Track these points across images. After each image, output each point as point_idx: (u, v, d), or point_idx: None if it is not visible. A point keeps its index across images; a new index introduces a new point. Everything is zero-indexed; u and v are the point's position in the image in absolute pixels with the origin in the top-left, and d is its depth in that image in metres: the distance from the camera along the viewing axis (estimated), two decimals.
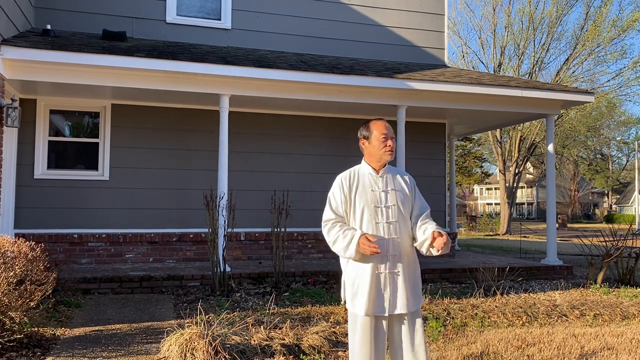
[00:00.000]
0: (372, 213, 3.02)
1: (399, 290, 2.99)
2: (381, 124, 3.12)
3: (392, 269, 2.99)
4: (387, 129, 3.09)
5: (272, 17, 9.71)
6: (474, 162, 42.49)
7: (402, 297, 2.98)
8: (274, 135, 9.50)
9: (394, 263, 2.99)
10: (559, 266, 9.09)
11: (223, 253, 7.07)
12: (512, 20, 26.16)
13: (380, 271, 2.98)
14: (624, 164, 61.32)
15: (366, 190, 3.07)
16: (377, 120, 3.15)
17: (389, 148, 3.07)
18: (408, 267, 3.04)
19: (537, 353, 4.63)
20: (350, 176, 3.14)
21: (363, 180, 3.10)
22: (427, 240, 2.97)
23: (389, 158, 3.09)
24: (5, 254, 4.44)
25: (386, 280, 2.98)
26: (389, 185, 3.08)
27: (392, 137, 3.10)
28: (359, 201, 3.05)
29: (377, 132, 3.09)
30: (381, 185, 3.08)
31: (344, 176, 3.15)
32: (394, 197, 3.06)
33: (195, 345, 4.19)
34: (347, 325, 5.03)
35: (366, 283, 2.97)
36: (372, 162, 3.14)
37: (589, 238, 10.88)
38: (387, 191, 3.06)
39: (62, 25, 8.62)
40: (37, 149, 8.36)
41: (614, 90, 27.41)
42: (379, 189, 3.07)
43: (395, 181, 3.12)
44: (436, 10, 10.63)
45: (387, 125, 3.11)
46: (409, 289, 3.01)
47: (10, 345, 4.36)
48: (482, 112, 9.58)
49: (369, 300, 2.96)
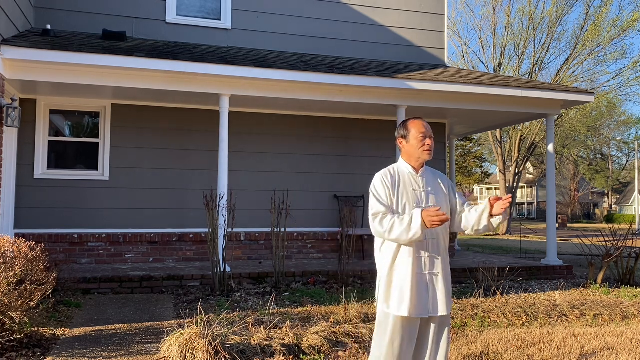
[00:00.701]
0: None
1: (438, 291, 2.98)
2: (419, 122, 3.10)
3: (431, 270, 2.99)
4: (426, 128, 3.07)
5: (272, 17, 9.71)
6: (474, 162, 42.49)
7: (441, 299, 2.98)
8: (274, 135, 9.49)
9: (434, 264, 2.99)
10: (559, 266, 9.09)
11: (223, 253, 7.07)
12: (512, 20, 26.17)
13: (423, 272, 2.96)
14: (624, 164, 61.33)
15: (407, 188, 3.04)
16: (415, 119, 3.13)
17: (428, 147, 3.04)
18: (445, 268, 3.04)
19: (537, 353, 4.63)
20: (391, 173, 3.10)
21: (404, 178, 3.08)
22: (485, 211, 2.97)
23: (427, 157, 3.06)
24: (5, 254, 4.44)
25: (428, 282, 2.97)
26: (428, 186, 3.07)
27: (431, 136, 3.08)
28: (401, 199, 3.02)
29: (415, 130, 3.06)
30: (422, 184, 3.07)
31: (384, 173, 3.10)
32: (433, 197, 3.06)
33: (195, 345, 4.19)
34: (346, 325, 5.04)
35: (408, 284, 2.93)
36: (410, 161, 3.10)
37: (589, 238, 10.88)
38: (428, 191, 3.05)
39: (62, 25, 8.62)
40: (37, 149, 8.36)
41: (614, 90, 27.42)
42: (419, 189, 3.05)
43: (435, 182, 3.12)
44: (436, 10, 10.63)
45: (425, 124, 3.09)
46: (447, 290, 3.02)
47: (10, 345, 4.36)
48: (482, 112, 9.58)
49: (412, 301, 2.92)
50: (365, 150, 9.96)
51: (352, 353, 4.56)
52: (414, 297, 2.93)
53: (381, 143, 9.93)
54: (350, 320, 5.34)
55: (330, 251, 9.52)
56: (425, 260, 2.97)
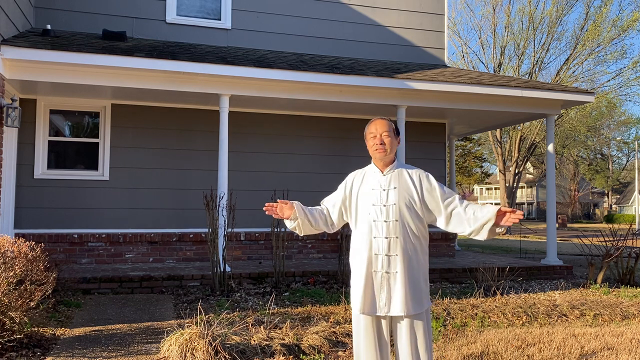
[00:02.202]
0: (372, 211, 3.00)
1: (396, 291, 2.92)
2: (373, 122, 3.09)
3: (389, 269, 2.94)
4: (377, 127, 3.04)
5: (272, 17, 9.71)
6: (474, 162, 42.49)
7: (399, 299, 2.91)
8: (274, 135, 9.49)
9: (392, 263, 2.94)
10: (559, 266, 9.09)
11: (223, 253, 7.07)
12: (512, 20, 26.18)
13: (376, 269, 2.95)
14: (624, 164, 61.31)
15: (368, 188, 3.06)
16: (374, 119, 3.12)
17: (376, 146, 3.03)
18: (409, 268, 2.94)
19: (537, 353, 4.63)
20: (356, 174, 3.16)
21: (367, 178, 3.10)
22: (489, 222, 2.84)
23: (378, 155, 3.04)
24: (5, 254, 4.44)
25: (382, 280, 2.94)
26: (392, 184, 3.03)
27: (384, 133, 3.02)
28: (360, 200, 3.06)
29: (367, 131, 3.10)
30: (384, 183, 3.04)
31: (352, 174, 3.18)
32: (395, 195, 3.00)
33: (195, 345, 4.19)
34: (346, 325, 5.05)
35: (361, 281, 2.98)
36: (374, 161, 3.13)
37: (589, 238, 10.88)
38: (389, 189, 3.02)
39: (62, 25, 8.62)
40: (37, 149, 8.36)
41: (614, 90, 27.43)
42: (380, 188, 3.03)
43: (401, 179, 3.04)
44: (436, 10, 10.63)
45: (378, 123, 3.06)
46: (409, 291, 2.92)
47: (10, 345, 4.37)
48: (482, 112, 9.58)
49: (364, 298, 2.96)
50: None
51: (352, 353, 4.56)
52: (366, 294, 2.96)
53: None
54: (350, 320, 5.34)
55: (330, 251, 9.52)
56: (383, 258, 2.94)
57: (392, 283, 2.94)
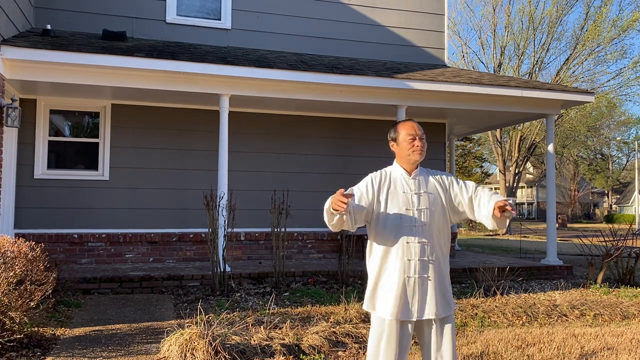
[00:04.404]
0: (404, 216, 2.94)
1: (428, 295, 2.91)
2: (408, 124, 3.05)
3: (422, 273, 2.90)
4: (415, 129, 3.01)
5: (272, 17, 9.71)
6: (474, 162, 42.46)
7: (431, 303, 2.91)
8: (274, 135, 9.49)
9: (425, 267, 2.91)
10: (559, 266, 9.09)
11: (223, 253, 7.07)
12: (512, 20, 26.19)
13: (409, 275, 2.90)
14: (624, 164, 61.30)
15: (398, 191, 2.98)
16: (406, 121, 3.08)
17: (417, 148, 2.98)
18: (439, 272, 2.94)
19: (537, 353, 4.63)
20: (381, 175, 3.05)
21: (395, 181, 3.02)
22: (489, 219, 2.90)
23: (417, 158, 2.99)
24: (5, 254, 4.44)
25: (415, 285, 2.90)
26: (421, 188, 2.99)
27: (421, 137, 3.00)
28: (390, 203, 2.97)
29: (405, 132, 3.02)
30: (413, 187, 2.98)
31: (374, 174, 3.06)
32: (426, 199, 2.96)
33: (195, 345, 4.19)
34: (346, 325, 5.04)
35: (394, 286, 2.91)
36: (402, 164, 3.04)
37: (589, 238, 10.88)
38: (420, 194, 2.97)
39: (62, 25, 8.62)
40: (37, 149, 8.36)
41: (614, 90, 27.44)
42: (411, 192, 2.97)
43: (429, 183, 3.01)
44: (436, 10, 10.63)
45: (414, 125, 3.03)
46: (439, 295, 2.93)
47: (10, 345, 4.37)
48: (482, 112, 9.58)
49: (397, 304, 2.90)
50: (365, 150, 9.95)
51: (352, 353, 4.56)
52: (400, 300, 2.90)
53: (381, 143, 9.89)
54: (350, 320, 5.34)
55: (330, 251, 9.52)
56: (416, 264, 2.90)
57: (426, 287, 2.91)
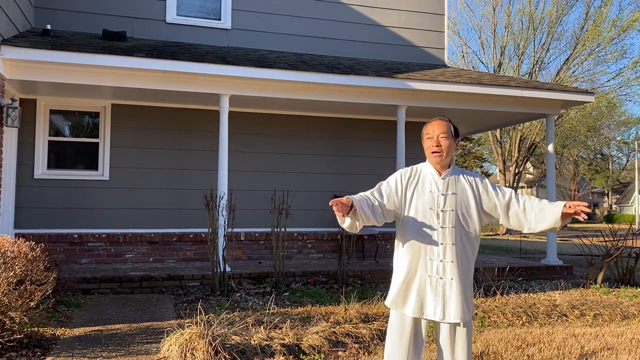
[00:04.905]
0: (427, 216, 2.91)
1: (448, 297, 2.87)
2: (431, 123, 2.97)
3: (444, 275, 2.87)
4: (435, 127, 2.93)
5: (272, 17, 9.71)
6: (474, 162, 42.44)
7: (454, 306, 2.87)
8: (274, 135, 9.49)
9: (448, 269, 2.87)
10: (559, 266, 9.09)
11: (223, 253, 7.07)
12: (512, 20, 26.18)
13: (431, 275, 2.88)
14: (624, 164, 61.28)
15: (425, 190, 2.95)
16: (433, 119, 3.00)
17: (433, 148, 2.93)
18: (462, 275, 2.89)
19: (537, 353, 4.63)
20: (411, 172, 3.02)
21: (424, 180, 2.98)
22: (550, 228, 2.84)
23: (433, 159, 2.94)
24: (5, 254, 4.44)
25: (437, 286, 2.88)
26: (449, 189, 2.92)
27: (442, 135, 2.91)
28: (415, 201, 2.94)
29: (425, 131, 2.98)
30: (442, 187, 2.93)
31: (404, 170, 3.03)
32: (453, 201, 2.91)
33: (195, 345, 4.19)
34: (346, 325, 5.04)
35: (415, 285, 2.91)
36: (431, 163, 2.99)
37: (589, 238, 10.88)
38: (447, 195, 2.91)
39: (62, 25, 8.62)
40: (37, 149, 8.36)
41: (614, 90, 27.42)
42: (438, 192, 2.92)
43: (459, 184, 2.95)
44: (436, 10, 10.63)
45: (437, 123, 2.94)
46: (461, 298, 2.88)
47: (10, 345, 4.37)
48: (482, 112, 9.58)
49: (416, 302, 2.90)
50: (365, 150, 9.95)
51: (352, 353, 4.56)
52: (419, 298, 2.90)
53: (381, 143, 9.94)
54: (350, 320, 5.34)
55: (330, 251, 9.52)
56: (437, 264, 2.87)
57: (448, 290, 2.87)
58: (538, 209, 2.88)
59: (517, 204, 2.93)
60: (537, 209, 2.88)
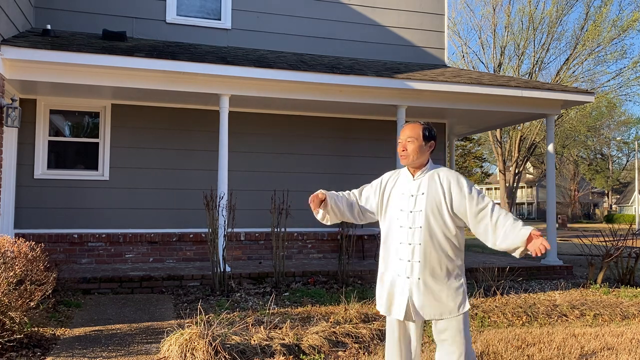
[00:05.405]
0: (399, 216, 2.97)
1: (417, 296, 2.89)
2: (403, 128, 3.06)
3: (411, 275, 2.90)
4: (403, 132, 3.01)
5: (272, 17, 9.71)
6: (474, 162, 42.49)
7: (421, 305, 2.89)
8: (274, 135, 9.50)
9: (416, 269, 2.89)
10: (559, 266, 9.09)
11: (223, 253, 7.07)
12: (512, 20, 26.17)
13: (400, 274, 2.94)
14: (624, 164, 61.27)
15: (398, 192, 3.03)
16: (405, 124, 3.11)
17: (400, 153, 3.01)
18: (434, 274, 2.89)
19: (537, 353, 4.63)
20: (391, 175, 3.13)
21: (400, 182, 3.06)
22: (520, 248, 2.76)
23: (402, 162, 3.03)
24: (5, 254, 4.44)
25: (404, 285, 2.91)
26: (420, 189, 2.96)
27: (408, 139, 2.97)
28: (391, 202, 3.04)
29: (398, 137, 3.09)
30: (413, 189, 2.99)
31: (387, 173, 3.17)
32: (423, 201, 2.93)
33: (195, 345, 4.19)
34: (346, 325, 5.05)
35: (386, 284, 3.00)
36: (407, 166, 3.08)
37: (589, 238, 10.88)
38: (417, 195, 2.95)
39: (62, 25, 8.62)
40: (37, 149, 8.36)
41: (614, 90, 27.41)
42: (408, 193, 2.99)
43: (431, 184, 2.96)
44: (436, 10, 10.63)
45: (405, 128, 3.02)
46: (430, 297, 2.89)
47: (10, 345, 4.36)
48: (482, 112, 9.58)
49: (387, 301, 2.98)
50: (365, 150, 9.95)
51: (352, 353, 4.56)
52: (390, 298, 2.98)
53: (381, 143, 9.94)
54: (350, 320, 5.34)
55: (330, 251, 9.52)
56: (406, 264, 2.91)
57: (414, 289, 2.90)
58: (510, 227, 2.80)
59: (490, 217, 2.85)
60: (509, 227, 2.80)
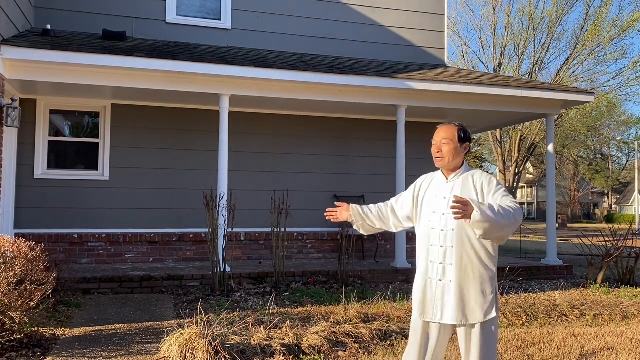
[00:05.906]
0: (432, 219, 2.96)
1: (447, 300, 2.88)
2: (437, 130, 3.04)
3: (443, 278, 2.89)
4: (437, 134, 3.00)
5: (272, 17, 9.71)
6: (474, 162, 42.51)
7: (450, 308, 2.87)
8: (274, 135, 9.49)
9: (448, 272, 2.88)
10: (559, 266, 9.09)
11: (223, 253, 7.07)
12: (512, 20, 26.19)
13: (431, 277, 2.93)
14: (624, 164, 61.26)
15: (432, 195, 3.03)
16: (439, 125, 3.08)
17: (434, 154, 2.99)
18: (465, 278, 2.86)
19: (537, 353, 4.63)
20: (425, 179, 3.13)
21: (433, 185, 3.06)
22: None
23: (436, 164, 3.02)
24: (5, 254, 4.44)
25: (437, 288, 2.91)
26: (454, 192, 2.95)
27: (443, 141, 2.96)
28: (424, 205, 3.04)
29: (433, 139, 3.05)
30: (446, 191, 2.97)
31: (421, 177, 3.16)
32: None
33: (195, 345, 4.19)
34: (346, 325, 5.05)
35: (418, 287, 2.99)
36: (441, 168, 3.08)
37: (589, 238, 10.87)
38: (450, 198, 2.93)
39: (62, 25, 8.62)
40: (37, 149, 8.36)
41: (614, 90, 27.43)
42: (441, 195, 2.98)
43: (465, 187, 2.95)
44: (436, 10, 10.63)
45: (440, 129, 3.01)
46: (460, 301, 2.86)
47: (10, 345, 4.37)
48: (482, 112, 9.58)
49: (419, 304, 2.97)
50: (365, 150, 9.95)
51: (352, 353, 4.56)
52: (422, 300, 2.97)
53: (381, 143, 9.93)
54: (350, 320, 5.34)
55: (330, 251, 9.52)
56: (438, 267, 2.91)
57: (446, 292, 2.89)
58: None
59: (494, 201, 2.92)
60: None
